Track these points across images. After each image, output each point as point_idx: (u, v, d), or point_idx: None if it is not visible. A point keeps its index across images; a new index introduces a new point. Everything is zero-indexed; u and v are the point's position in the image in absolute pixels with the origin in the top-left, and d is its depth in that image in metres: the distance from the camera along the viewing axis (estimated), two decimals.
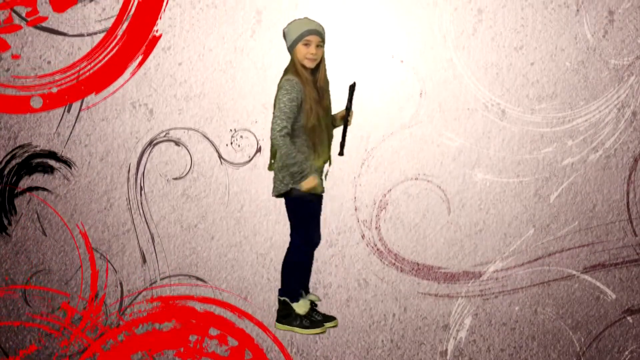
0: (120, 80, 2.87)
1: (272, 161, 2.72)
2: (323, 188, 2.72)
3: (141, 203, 3.05)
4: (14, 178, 2.80)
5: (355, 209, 3.07)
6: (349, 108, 2.71)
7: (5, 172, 2.82)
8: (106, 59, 2.77)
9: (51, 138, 3.03)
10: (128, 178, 3.06)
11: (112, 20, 2.82)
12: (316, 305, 2.84)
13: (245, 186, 3.07)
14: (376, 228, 3.07)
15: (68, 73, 2.87)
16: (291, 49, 2.66)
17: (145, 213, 3.05)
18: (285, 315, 2.75)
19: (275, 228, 3.06)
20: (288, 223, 2.76)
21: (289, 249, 2.76)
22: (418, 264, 3.07)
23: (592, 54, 3.07)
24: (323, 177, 2.73)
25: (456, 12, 3.07)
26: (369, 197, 3.07)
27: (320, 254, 2.98)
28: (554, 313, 3.06)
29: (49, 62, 3.01)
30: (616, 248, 3.06)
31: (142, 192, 3.05)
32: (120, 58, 2.84)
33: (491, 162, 3.07)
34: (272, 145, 2.66)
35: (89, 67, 2.81)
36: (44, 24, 2.86)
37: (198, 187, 3.07)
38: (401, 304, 3.05)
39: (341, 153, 2.75)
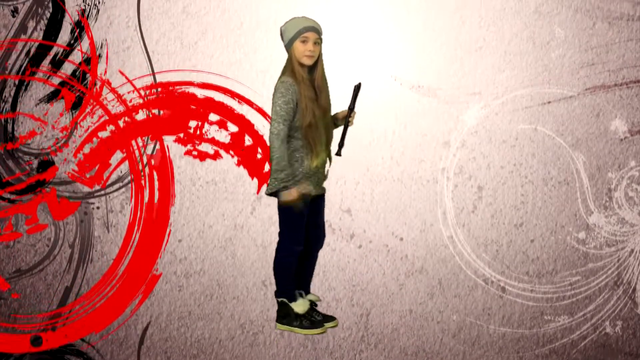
0: (121, 319, 2.88)
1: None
2: (323, 189, 2.70)
3: None
4: None
5: None
6: (351, 108, 2.67)
7: None
8: (105, 298, 2.78)
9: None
10: (127, 356, 3.05)
11: (111, 261, 2.84)
12: (316, 305, 2.83)
13: None
14: None
15: (69, 311, 2.93)
16: (288, 46, 2.62)
17: None
18: (285, 315, 2.73)
19: None
20: None
21: (276, 249, 2.72)
22: None
23: (592, 231, 3.08)
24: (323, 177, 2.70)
25: (456, 189, 3.08)
26: None
27: None
28: None
29: (49, 303, 3.04)
30: None
31: None
32: (120, 298, 2.84)
33: (491, 338, 3.07)
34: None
35: (88, 306, 2.81)
36: None
37: None
38: None
39: (339, 153, 2.69)
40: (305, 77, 2.60)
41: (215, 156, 2.98)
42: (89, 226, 3.06)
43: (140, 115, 2.91)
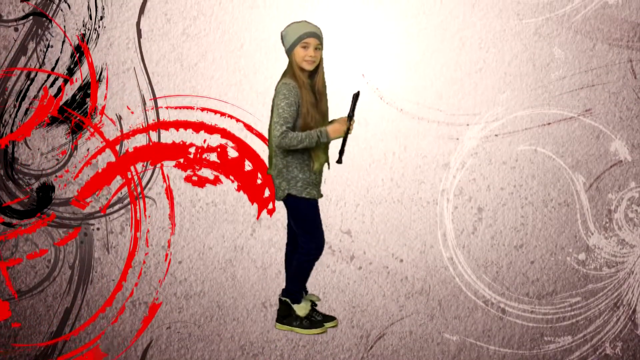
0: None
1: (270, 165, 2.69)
2: (321, 194, 2.70)
3: None
4: None
5: None
6: (350, 117, 2.66)
7: None
8: (105, 327, 2.78)
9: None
10: None
11: (111, 282, 2.84)
12: (316, 305, 2.82)
13: None
14: None
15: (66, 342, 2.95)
16: (289, 51, 2.62)
17: None
18: (286, 315, 2.73)
19: None
20: None
21: (300, 253, 2.71)
22: None
23: (592, 252, 3.07)
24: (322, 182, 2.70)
25: (456, 211, 3.08)
26: None
27: None
28: None
29: (49, 325, 3.04)
30: None
31: None
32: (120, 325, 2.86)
33: None
34: (270, 150, 2.64)
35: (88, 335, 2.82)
36: None
37: None
38: None
39: (339, 161, 2.70)
40: (306, 81, 2.60)
41: (215, 181, 2.98)
42: (89, 247, 3.06)
43: (140, 141, 2.91)
